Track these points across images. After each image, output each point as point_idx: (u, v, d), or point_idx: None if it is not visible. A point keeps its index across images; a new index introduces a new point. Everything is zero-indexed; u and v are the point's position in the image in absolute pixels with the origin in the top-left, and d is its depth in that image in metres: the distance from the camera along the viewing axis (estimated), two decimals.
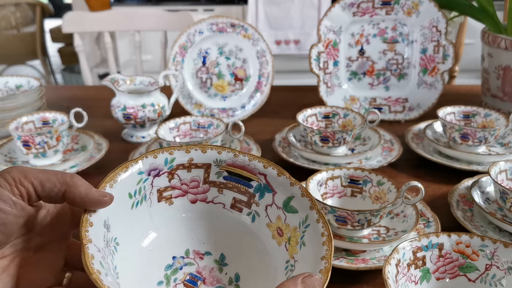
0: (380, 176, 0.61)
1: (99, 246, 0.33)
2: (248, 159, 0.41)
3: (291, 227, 0.39)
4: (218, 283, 0.40)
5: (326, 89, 1.01)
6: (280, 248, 0.39)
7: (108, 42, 1.60)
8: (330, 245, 0.35)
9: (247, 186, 0.41)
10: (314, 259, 0.35)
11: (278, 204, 0.40)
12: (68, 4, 4.95)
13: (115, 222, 0.36)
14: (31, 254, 0.35)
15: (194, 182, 0.41)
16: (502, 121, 0.79)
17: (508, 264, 0.44)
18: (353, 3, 0.98)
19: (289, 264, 0.38)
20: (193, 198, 0.42)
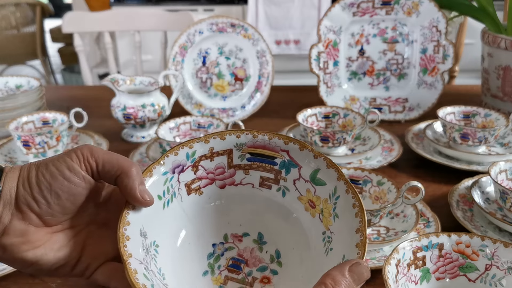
0: (380, 176, 0.61)
1: (139, 257, 0.34)
2: (268, 137, 0.41)
3: (322, 199, 0.39)
4: (260, 263, 0.41)
5: (326, 89, 1.01)
6: (315, 219, 0.39)
7: (108, 42, 1.60)
8: (363, 217, 0.36)
9: (271, 164, 0.41)
10: (349, 232, 0.36)
11: (305, 178, 0.40)
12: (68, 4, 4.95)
13: (150, 227, 0.37)
14: (96, 228, 0.38)
15: (219, 169, 0.41)
16: (502, 121, 0.79)
17: (508, 264, 0.43)
18: (353, 3, 0.98)
19: (326, 235, 0.38)
20: (221, 183, 0.42)
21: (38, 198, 0.34)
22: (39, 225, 0.34)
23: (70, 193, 0.35)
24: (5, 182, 0.34)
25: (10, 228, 0.33)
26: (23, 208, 0.34)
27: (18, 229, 0.33)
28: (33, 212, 0.34)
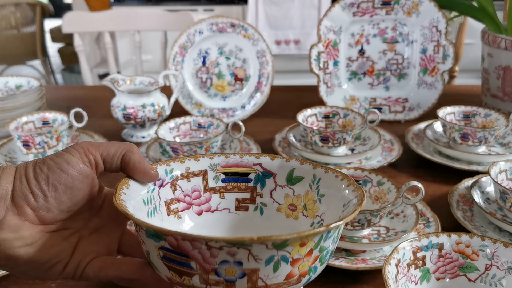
0: (380, 176, 0.61)
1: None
2: (239, 156, 0.42)
3: (302, 195, 0.40)
4: None
5: (326, 89, 1.01)
6: (299, 220, 0.40)
7: (108, 42, 1.60)
8: (348, 178, 0.36)
9: (246, 182, 0.42)
10: (340, 194, 0.37)
11: (281, 184, 0.41)
12: (68, 4, 4.95)
13: None
14: (87, 233, 0.38)
15: (195, 192, 0.42)
16: (502, 121, 0.79)
17: (508, 264, 0.43)
18: (353, 3, 0.98)
19: (314, 225, 0.39)
20: (198, 210, 0.42)
21: (35, 191, 0.34)
22: (34, 221, 0.34)
23: (67, 186, 0.35)
24: (2, 177, 0.34)
25: (4, 223, 0.33)
26: (19, 202, 0.34)
27: (12, 224, 0.33)
28: (29, 206, 0.34)
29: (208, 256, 0.30)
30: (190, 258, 0.30)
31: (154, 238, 0.31)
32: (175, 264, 0.31)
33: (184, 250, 0.30)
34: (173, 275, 0.32)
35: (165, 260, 0.32)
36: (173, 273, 0.32)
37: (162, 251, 0.31)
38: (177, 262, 0.31)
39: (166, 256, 0.31)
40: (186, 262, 0.31)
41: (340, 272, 0.53)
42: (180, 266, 0.31)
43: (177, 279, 0.32)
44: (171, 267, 0.32)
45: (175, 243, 0.30)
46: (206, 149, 0.75)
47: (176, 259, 0.31)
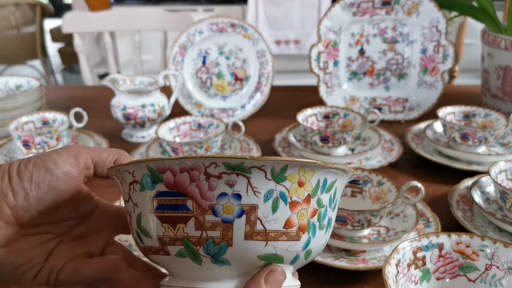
0: (380, 176, 0.61)
1: None
2: None
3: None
4: None
5: (326, 89, 1.01)
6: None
7: (108, 42, 1.60)
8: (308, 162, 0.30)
9: None
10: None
11: None
12: (68, 4, 4.95)
13: None
14: (69, 240, 0.37)
15: None
16: (502, 121, 0.79)
17: (508, 264, 0.43)
18: (353, 3, 0.98)
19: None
20: None
21: (16, 189, 0.33)
22: (10, 221, 0.33)
23: (50, 186, 0.33)
24: None
25: None
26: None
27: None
28: (7, 205, 0.32)
29: (206, 189, 0.29)
30: (187, 197, 0.29)
31: (150, 185, 0.30)
32: (170, 211, 0.30)
33: (181, 186, 0.29)
34: (166, 229, 0.30)
35: (159, 211, 0.30)
36: (167, 226, 0.30)
37: (157, 200, 0.30)
38: (172, 207, 0.29)
39: (160, 205, 0.30)
40: (182, 203, 0.29)
41: (340, 272, 0.53)
42: (175, 211, 0.29)
43: (170, 233, 0.30)
44: (165, 218, 0.30)
45: (172, 180, 0.29)
46: (206, 149, 0.75)
47: (172, 203, 0.30)
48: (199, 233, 0.29)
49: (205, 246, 0.29)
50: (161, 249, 0.31)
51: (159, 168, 0.29)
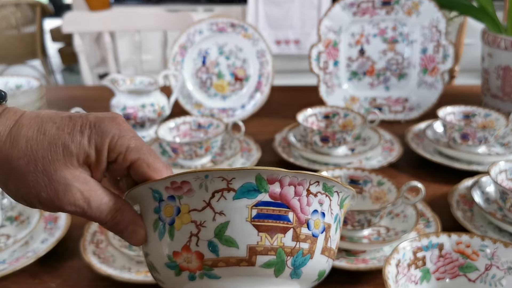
0: (380, 176, 0.61)
1: None
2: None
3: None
4: None
5: (326, 89, 1.01)
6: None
7: (108, 42, 1.60)
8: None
9: None
10: None
11: None
12: (68, 4, 4.95)
13: None
14: None
15: None
16: (502, 121, 0.79)
17: (508, 264, 0.43)
18: (353, 3, 0.98)
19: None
20: None
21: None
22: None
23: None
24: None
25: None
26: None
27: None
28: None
29: (305, 204, 0.31)
30: (289, 209, 0.30)
31: (251, 195, 0.30)
32: (271, 221, 0.30)
33: (285, 199, 0.30)
34: (263, 238, 0.30)
35: (257, 220, 0.30)
36: (264, 236, 0.30)
37: (256, 209, 0.30)
38: (274, 217, 0.30)
39: (261, 214, 0.30)
40: (284, 214, 0.30)
41: (340, 272, 0.53)
42: (276, 221, 0.30)
43: (265, 243, 0.30)
44: (264, 227, 0.30)
45: (278, 192, 0.30)
46: (206, 149, 0.75)
47: (274, 213, 0.30)
48: (294, 244, 0.31)
49: (294, 257, 0.31)
50: (246, 260, 0.30)
51: (270, 178, 0.30)
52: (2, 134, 0.31)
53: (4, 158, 0.31)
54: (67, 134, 0.32)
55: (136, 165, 0.33)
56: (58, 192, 0.32)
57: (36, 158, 0.31)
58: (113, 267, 0.54)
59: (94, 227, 0.60)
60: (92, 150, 0.32)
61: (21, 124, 0.32)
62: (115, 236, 0.57)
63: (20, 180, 0.32)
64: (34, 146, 0.31)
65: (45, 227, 0.62)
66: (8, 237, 0.61)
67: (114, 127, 0.33)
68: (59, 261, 0.57)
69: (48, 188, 0.31)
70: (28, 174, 0.31)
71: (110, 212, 0.33)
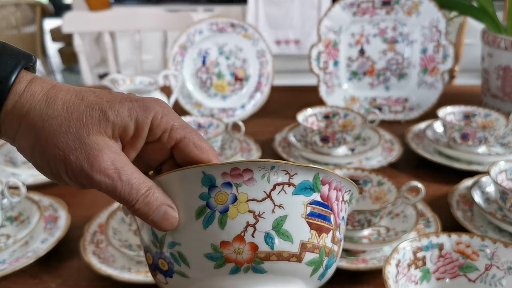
0: (380, 176, 0.61)
1: None
2: None
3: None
4: None
5: (326, 89, 1.01)
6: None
7: (108, 42, 1.60)
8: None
9: None
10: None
11: None
12: (68, 4, 4.95)
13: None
14: None
15: None
16: (502, 121, 0.79)
17: (508, 264, 0.44)
18: (353, 3, 0.98)
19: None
20: None
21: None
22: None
23: None
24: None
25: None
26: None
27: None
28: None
29: (340, 209, 0.33)
30: (331, 211, 0.32)
31: (307, 192, 0.31)
32: (320, 220, 0.31)
33: (330, 201, 0.32)
34: (313, 236, 0.31)
35: (310, 218, 0.31)
36: (314, 233, 0.31)
37: (310, 207, 0.31)
38: (322, 216, 0.31)
39: (313, 212, 0.31)
40: (328, 215, 0.32)
41: (340, 272, 0.53)
42: (323, 221, 0.32)
43: (314, 240, 0.31)
44: (314, 225, 0.31)
45: (326, 194, 0.32)
46: None
47: (322, 213, 0.31)
48: (331, 246, 0.32)
49: (329, 258, 0.32)
50: (297, 255, 0.30)
51: (323, 179, 0.31)
52: (38, 93, 0.30)
53: (37, 117, 0.30)
54: (105, 102, 0.31)
55: (182, 144, 0.32)
56: (89, 156, 0.29)
57: (70, 120, 0.30)
58: (113, 267, 0.54)
59: (94, 227, 0.60)
60: (131, 122, 0.31)
61: (59, 88, 0.31)
62: (115, 236, 0.57)
63: (49, 141, 0.30)
64: (70, 108, 0.30)
65: (45, 227, 0.62)
66: (8, 237, 0.61)
67: (157, 105, 0.32)
68: (59, 261, 0.57)
69: (78, 151, 0.29)
70: (59, 134, 0.30)
71: (141, 189, 0.30)
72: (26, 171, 0.75)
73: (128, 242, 0.58)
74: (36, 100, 0.30)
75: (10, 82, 0.30)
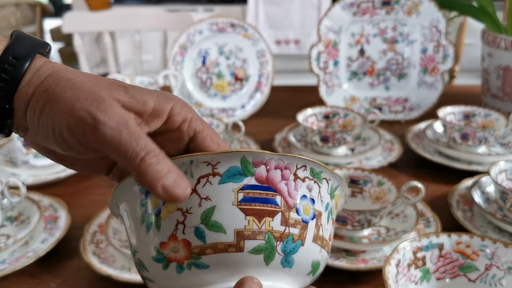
0: (380, 176, 0.61)
1: None
2: None
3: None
4: None
5: (326, 89, 1.01)
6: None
7: (108, 42, 1.60)
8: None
9: None
10: None
11: None
12: (68, 4, 4.95)
13: None
14: None
15: None
16: (502, 121, 0.79)
17: (508, 264, 0.44)
18: (353, 3, 0.98)
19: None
20: None
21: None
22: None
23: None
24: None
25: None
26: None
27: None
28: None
29: (293, 189, 0.30)
30: (276, 193, 0.30)
31: (236, 178, 0.30)
32: (258, 204, 0.30)
33: (272, 182, 0.30)
34: (250, 222, 0.29)
35: (243, 204, 0.29)
36: (251, 219, 0.29)
37: (243, 193, 0.30)
38: (261, 200, 0.30)
39: (247, 197, 0.30)
40: (272, 198, 0.30)
41: (340, 272, 0.53)
42: (263, 205, 0.30)
43: (253, 226, 0.29)
44: (251, 211, 0.29)
45: (264, 175, 0.30)
46: None
47: (261, 197, 0.30)
48: (283, 229, 0.30)
49: (284, 243, 0.30)
50: (234, 245, 0.29)
51: (255, 161, 0.30)
52: (57, 66, 0.31)
53: (53, 80, 0.30)
54: (125, 84, 0.31)
55: (200, 137, 0.32)
56: (98, 102, 0.28)
57: (85, 80, 0.30)
58: (113, 267, 0.54)
59: (94, 227, 0.60)
60: (151, 101, 0.30)
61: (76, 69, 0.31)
62: (115, 236, 0.57)
63: (59, 96, 0.29)
64: (87, 76, 0.30)
65: (45, 227, 0.62)
66: (8, 237, 0.61)
67: (178, 98, 0.32)
68: (59, 261, 0.57)
69: (88, 99, 0.28)
70: (70, 89, 0.29)
71: (148, 146, 0.28)
72: (26, 171, 0.75)
73: (128, 242, 0.58)
74: (55, 69, 0.30)
75: (27, 62, 0.30)
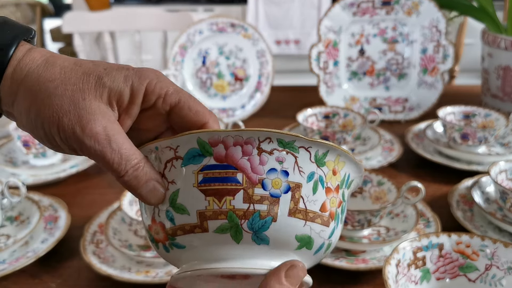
0: (380, 176, 0.61)
1: None
2: None
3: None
4: None
5: (326, 89, 1.01)
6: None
7: (108, 42, 1.60)
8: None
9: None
10: None
11: None
12: (68, 4, 4.95)
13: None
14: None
15: None
16: (502, 121, 0.79)
17: (508, 264, 0.44)
18: (353, 3, 0.98)
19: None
20: None
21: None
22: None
23: None
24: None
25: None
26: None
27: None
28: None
29: (257, 163, 0.29)
30: (237, 170, 0.29)
31: (196, 159, 0.30)
32: (217, 183, 0.29)
33: (232, 160, 0.29)
34: (210, 202, 0.29)
35: (203, 185, 0.30)
36: (211, 200, 0.29)
37: (202, 174, 0.30)
38: (220, 179, 0.29)
39: (206, 178, 0.30)
40: (232, 176, 0.29)
41: (340, 272, 0.53)
42: (223, 184, 0.29)
43: (214, 206, 0.29)
44: (211, 191, 0.29)
45: (223, 154, 0.29)
46: None
47: (220, 176, 0.30)
48: (247, 206, 0.29)
49: (250, 220, 0.29)
50: (199, 226, 0.30)
51: (212, 141, 0.29)
52: (37, 59, 0.31)
53: (35, 80, 0.31)
54: (102, 69, 0.31)
55: (177, 108, 0.32)
56: (82, 119, 0.30)
57: (67, 84, 0.31)
58: (113, 267, 0.54)
59: (94, 227, 0.60)
60: (127, 88, 0.31)
61: (57, 56, 0.32)
62: (115, 236, 0.57)
63: (45, 103, 0.30)
64: (67, 73, 0.31)
65: (45, 227, 0.62)
66: (8, 237, 0.61)
67: (152, 74, 0.32)
68: (59, 261, 0.57)
69: (72, 114, 0.30)
70: (54, 97, 0.30)
71: (131, 161, 0.30)
72: (26, 171, 0.75)
73: (128, 242, 0.58)
74: (34, 65, 0.31)
75: (11, 50, 0.31)
